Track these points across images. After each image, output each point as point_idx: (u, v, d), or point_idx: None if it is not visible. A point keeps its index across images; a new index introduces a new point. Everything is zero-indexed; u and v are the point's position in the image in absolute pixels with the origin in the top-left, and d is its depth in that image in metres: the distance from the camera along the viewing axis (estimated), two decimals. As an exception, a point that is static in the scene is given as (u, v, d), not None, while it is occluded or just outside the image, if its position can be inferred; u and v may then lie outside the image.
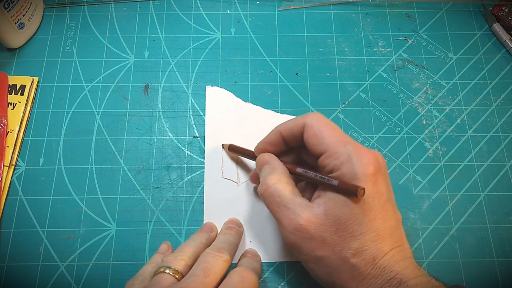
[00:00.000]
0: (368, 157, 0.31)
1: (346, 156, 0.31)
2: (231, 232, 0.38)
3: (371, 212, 0.30)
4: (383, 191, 0.31)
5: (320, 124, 0.33)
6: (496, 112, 0.45)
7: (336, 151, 0.31)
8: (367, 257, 0.29)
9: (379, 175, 0.31)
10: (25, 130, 0.44)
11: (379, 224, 0.30)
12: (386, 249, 0.29)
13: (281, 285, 0.39)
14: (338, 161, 0.31)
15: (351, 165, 0.30)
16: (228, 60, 0.48)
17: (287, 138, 0.35)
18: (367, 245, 0.29)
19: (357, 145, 0.32)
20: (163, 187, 0.42)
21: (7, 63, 0.47)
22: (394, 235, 0.30)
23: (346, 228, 0.29)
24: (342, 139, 0.32)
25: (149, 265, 0.36)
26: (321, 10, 0.51)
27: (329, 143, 0.32)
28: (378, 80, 0.47)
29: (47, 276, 0.38)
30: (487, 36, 0.49)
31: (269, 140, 0.37)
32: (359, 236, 0.29)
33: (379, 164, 0.31)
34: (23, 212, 0.41)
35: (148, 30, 0.49)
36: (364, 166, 0.30)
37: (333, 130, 0.33)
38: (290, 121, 0.35)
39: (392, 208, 0.31)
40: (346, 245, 0.29)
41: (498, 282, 0.39)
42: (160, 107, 0.45)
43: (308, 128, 0.33)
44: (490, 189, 0.42)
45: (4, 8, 0.43)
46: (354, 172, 0.30)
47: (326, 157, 0.32)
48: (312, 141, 0.33)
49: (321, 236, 0.30)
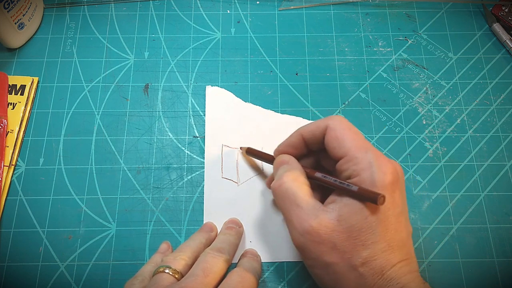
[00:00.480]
0: (388, 166, 0.30)
1: (366, 163, 0.30)
2: (231, 232, 0.38)
3: (385, 222, 0.29)
4: (399, 202, 0.30)
5: (342, 128, 0.32)
6: (496, 112, 0.45)
7: (356, 156, 0.31)
8: (376, 267, 0.29)
9: (396, 186, 0.30)
10: (25, 130, 0.44)
11: (391, 235, 0.29)
12: (394, 260, 0.29)
13: (281, 285, 0.39)
14: (357, 167, 0.30)
15: (371, 172, 0.30)
16: (228, 60, 0.48)
17: (308, 141, 0.35)
18: (377, 255, 0.29)
19: (378, 153, 0.31)
20: (163, 187, 0.42)
21: (7, 63, 0.47)
22: (404, 247, 0.30)
23: (359, 236, 0.29)
24: (363, 145, 0.31)
25: (149, 265, 0.36)
26: (321, 10, 0.51)
27: (349, 148, 0.31)
28: (378, 80, 0.47)
29: (47, 276, 0.38)
30: (487, 36, 0.49)
31: (290, 142, 0.36)
32: (370, 245, 0.29)
33: (398, 175, 0.31)
34: (23, 212, 0.41)
35: (148, 30, 0.49)
36: (383, 175, 0.30)
37: (355, 135, 0.32)
38: (313, 123, 0.34)
39: (405, 221, 0.31)
40: (356, 253, 0.29)
41: (498, 282, 0.39)
42: (160, 107, 0.45)
43: (330, 130, 0.33)
44: (490, 189, 0.42)
45: (4, 8, 0.43)
46: (373, 180, 0.29)
47: (345, 161, 0.31)
48: (332, 144, 0.32)
49: (332, 241, 0.29)
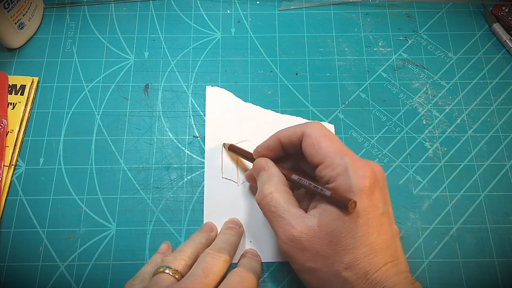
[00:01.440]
0: (364, 169, 0.30)
1: (343, 168, 0.30)
2: (231, 232, 0.38)
3: (365, 226, 0.29)
4: (379, 205, 0.30)
5: (318, 134, 0.32)
6: (496, 112, 0.45)
7: (332, 162, 0.31)
8: (360, 271, 0.28)
9: (375, 188, 0.30)
10: (25, 130, 0.44)
11: (373, 238, 0.29)
12: (379, 263, 0.29)
13: (281, 285, 0.39)
14: (334, 173, 0.31)
15: (347, 177, 0.30)
16: (228, 60, 0.48)
17: (285, 145, 0.35)
18: (359, 260, 0.29)
19: (355, 157, 0.31)
20: (163, 187, 0.42)
21: (7, 63, 0.47)
22: (389, 249, 0.30)
23: (339, 242, 0.29)
24: (339, 150, 0.31)
25: (148, 265, 0.36)
26: (321, 10, 0.51)
27: (326, 154, 0.31)
28: (378, 80, 0.47)
29: (47, 276, 0.38)
30: (487, 36, 0.49)
31: (267, 145, 0.36)
32: (351, 250, 0.29)
33: (376, 177, 0.30)
34: (23, 212, 0.41)
35: (148, 30, 0.49)
36: (359, 179, 0.30)
37: (331, 141, 0.32)
38: (289, 129, 0.35)
39: (388, 222, 0.31)
40: (338, 259, 0.29)
41: (498, 282, 0.39)
42: (160, 107, 0.45)
43: (306, 137, 0.33)
44: (490, 189, 0.42)
45: (4, 8, 0.43)
46: (349, 185, 0.30)
47: (322, 168, 0.32)
48: (309, 151, 0.32)
49: (314, 248, 0.30)
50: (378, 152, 0.43)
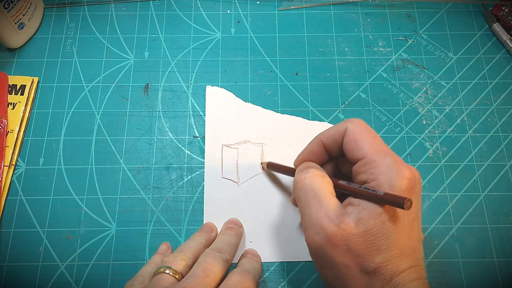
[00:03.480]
0: (406, 172, 0.30)
1: (385, 167, 0.30)
2: (231, 232, 0.38)
3: (400, 228, 0.29)
4: (414, 209, 0.30)
5: (361, 130, 0.32)
6: (496, 112, 0.45)
7: (374, 159, 0.30)
8: (386, 272, 0.28)
9: (413, 192, 0.30)
10: (25, 130, 0.44)
11: (404, 241, 0.29)
12: (404, 267, 0.29)
13: (281, 285, 0.39)
14: (375, 170, 0.30)
15: (389, 176, 0.29)
16: (228, 60, 0.48)
17: (328, 146, 0.34)
18: (389, 261, 0.28)
19: (397, 158, 0.31)
20: (163, 187, 0.42)
21: (7, 63, 0.47)
22: (415, 254, 0.30)
23: (374, 241, 0.29)
24: (382, 149, 0.31)
25: (148, 266, 0.36)
26: (321, 10, 0.51)
27: (368, 150, 0.31)
28: (378, 80, 0.47)
29: (47, 276, 0.38)
30: (487, 36, 0.49)
31: (310, 149, 0.35)
32: (384, 251, 0.28)
33: (415, 181, 0.30)
34: (23, 212, 0.41)
35: (148, 30, 0.49)
36: (401, 180, 0.29)
37: (373, 138, 0.32)
38: (331, 128, 0.34)
39: (418, 228, 0.30)
40: (370, 258, 0.28)
41: (498, 282, 0.39)
42: (160, 107, 0.45)
43: (349, 133, 0.32)
44: (490, 189, 0.42)
45: (4, 8, 0.43)
46: (391, 184, 0.29)
47: (363, 164, 0.31)
48: (351, 146, 0.32)
49: (347, 244, 0.29)
50: (378, 152, 0.43)
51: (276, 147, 0.43)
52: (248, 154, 0.43)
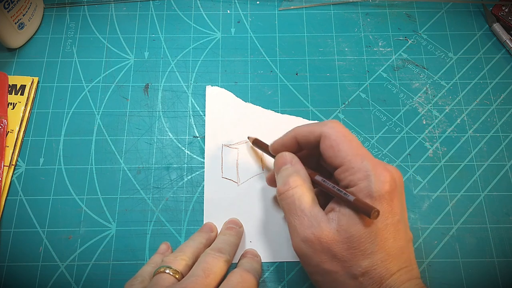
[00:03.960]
0: (385, 175, 0.30)
1: (363, 172, 0.30)
2: (231, 232, 0.38)
3: (383, 231, 0.29)
4: (397, 211, 0.30)
5: (337, 136, 0.32)
6: (496, 112, 0.45)
7: (352, 166, 0.30)
8: (375, 276, 0.28)
9: (394, 194, 0.30)
10: (25, 130, 0.44)
11: (390, 244, 0.29)
12: (394, 269, 0.29)
13: (281, 285, 0.39)
14: (354, 177, 0.30)
15: (368, 182, 0.30)
16: (228, 60, 0.48)
17: (302, 144, 0.35)
18: (376, 265, 0.29)
19: (375, 161, 0.31)
20: (163, 187, 0.42)
21: (7, 63, 0.47)
22: (404, 255, 0.30)
23: (358, 246, 0.29)
24: (359, 153, 0.31)
25: (148, 265, 0.36)
26: (321, 10, 0.51)
27: (345, 157, 0.31)
28: (378, 80, 0.47)
29: (47, 276, 0.38)
30: (487, 36, 0.49)
31: (283, 142, 0.36)
32: (370, 255, 0.29)
33: (395, 182, 0.30)
34: (23, 212, 0.41)
35: (148, 30, 0.49)
36: (381, 184, 0.29)
37: (350, 143, 0.31)
38: (307, 128, 0.34)
39: (404, 228, 0.31)
40: (356, 263, 0.29)
41: (498, 282, 0.39)
42: (160, 107, 0.45)
43: (324, 139, 0.32)
44: (490, 189, 0.42)
45: (4, 8, 0.43)
46: (370, 190, 0.29)
47: (342, 171, 0.31)
48: (328, 153, 0.32)
49: (332, 251, 0.29)
50: (378, 152, 0.43)
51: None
52: (248, 154, 0.43)
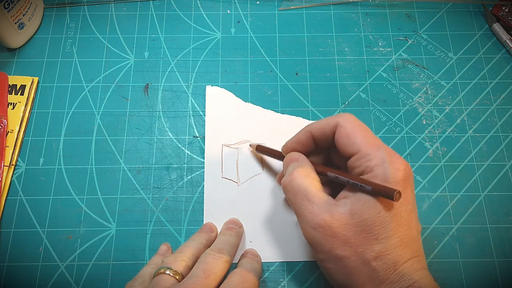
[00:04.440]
0: (400, 163, 0.30)
1: (379, 159, 0.30)
2: (231, 232, 0.38)
3: (397, 217, 0.29)
4: (410, 199, 0.30)
5: (353, 125, 0.32)
6: (496, 112, 0.45)
7: (368, 153, 0.31)
8: (389, 261, 0.29)
9: (408, 182, 0.30)
10: (25, 130, 0.44)
11: (403, 231, 0.29)
12: (406, 257, 0.29)
13: (281, 285, 0.39)
14: (370, 163, 0.30)
15: (383, 168, 0.30)
16: (228, 60, 0.48)
17: (317, 138, 0.35)
18: (390, 250, 0.29)
19: (390, 150, 0.31)
20: (163, 187, 0.42)
21: (7, 63, 0.47)
22: (415, 244, 0.30)
23: (372, 230, 0.29)
24: (374, 142, 0.31)
25: (148, 266, 0.36)
26: (321, 10, 0.51)
27: (361, 144, 0.31)
28: (378, 80, 0.47)
29: (47, 276, 0.38)
30: (487, 36, 0.49)
31: (298, 139, 0.36)
32: (383, 240, 0.29)
33: (409, 171, 0.31)
34: (23, 212, 0.41)
35: (148, 30, 0.49)
36: (396, 171, 0.30)
37: (365, 132, 0.32)
38: (322, 121, 0.34)
39: (415, 218, 0.31)
40: (369, 247, 0.29)
41: (498, 282, 0.39)
42: (160, 107, 0.45)
43: (340, 128, 0.33)
44: (490, 189, 0.42)
45: (4, 8, 0.43)
46: (386, 176, 0.30)
47: (357, 158, 0.31)
48: (343, 141, 0.32)
49: (345, 235, 0.29)
50: (378, 152, 0.43)
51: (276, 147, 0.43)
52: (248, 154, 0.43)
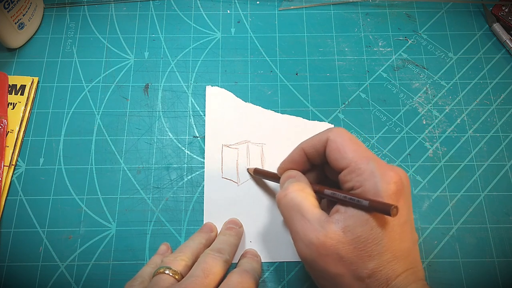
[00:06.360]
0: (391, 175, 0.30)
1: (369, 173, 0.30)
2: (231, 232, 0.38)
3: (390, 232, 0.29)
4: (403, 212, 0.30)
5: (343, 139, 0.32)
6: (496, 112, 0.45)
7: (358, 167, 0.30)
8: (381, 278, 0.28)
9: (400, 195, 0.30)
10: (25, 130, 0.44)
11: (396, 245, 0.29)
12: (400, 270, 0.29)
13: (281, 285, 0.39)
14: (360, 178, 0.30)
15: (374, 183, 0.29)
16: (228, 60, 0.48)
17: (310, 155, 0.35)
18: (383, 266, 0.28)
19: (381, 162, 0.31)
20: (163, 187, 0.42)
21: (7, 63, 0.47)
22: (409, 256, 0.30)
23: (365, 248, 0.29)
24: (365, 155, 0.31)
25: (148, 266, 0.36)
26: (321, 10, 0.51)
27: (351, 159, 0.31)
28: (378, 80, 0.47)
29: (47, 276, 0.38)
30: (487, 36, 0.49)
31: (292, 158, 0.36)
32: (376, 256, 0.28)
33: (402, 183, 0.30)
34: (23, 212, 0.41)
35: (148, 30, 0.49)
36: (387, 185, 0.29)
37: (356, 145, 0.32)
38: (313, 138, 0.34)
39: (410, 230, 0.30)
40: (362, 265, 0.28)
41: (498, 282, 0.39)
42: (160, 107, 0.45)
43: (331, 142, 0.32)
44: (490, 189, 0.42)
45: (4, 8, 0.43)
46: (377, 190, 0.29)
47: (348, 172, 0.31)
48: (334, 156, 0.32)
49: (338, 253, 0.29)
50: (378, 152, 0.43)
51: (276, 147, 0.43)
52: (248, 154, 0.43)
